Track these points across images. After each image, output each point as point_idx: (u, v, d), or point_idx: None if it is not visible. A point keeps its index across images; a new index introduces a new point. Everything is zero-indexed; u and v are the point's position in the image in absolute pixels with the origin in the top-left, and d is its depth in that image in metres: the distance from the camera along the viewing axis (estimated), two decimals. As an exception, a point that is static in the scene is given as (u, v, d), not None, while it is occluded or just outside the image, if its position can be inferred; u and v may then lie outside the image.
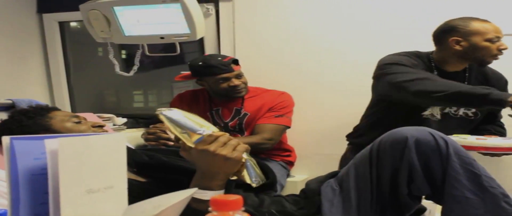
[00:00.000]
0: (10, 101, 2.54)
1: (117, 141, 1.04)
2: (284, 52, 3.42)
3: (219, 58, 3.01)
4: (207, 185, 1.55)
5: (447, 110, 2.71)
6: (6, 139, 0.94)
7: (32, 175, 0.97)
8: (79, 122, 1.96)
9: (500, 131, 2.81)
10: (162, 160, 1.94)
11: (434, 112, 2.70)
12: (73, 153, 0.93)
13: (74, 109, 3.94)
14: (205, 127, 1.59)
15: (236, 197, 0.86)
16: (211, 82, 3.05)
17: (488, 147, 2.29)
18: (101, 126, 2.03)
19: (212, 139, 1.53)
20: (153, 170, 1.88)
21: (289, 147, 3.34)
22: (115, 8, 2.54)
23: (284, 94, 3.16)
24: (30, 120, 1.90)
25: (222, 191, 1.59)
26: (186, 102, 3.20)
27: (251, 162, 1.74)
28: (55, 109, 2.02)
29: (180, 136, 1.58)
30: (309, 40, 3.36)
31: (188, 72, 3.13)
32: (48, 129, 1.87)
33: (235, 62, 3.05)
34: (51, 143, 0.91)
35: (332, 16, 3.30)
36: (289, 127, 3.13)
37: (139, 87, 4.21)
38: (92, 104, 4.07)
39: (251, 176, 1.73)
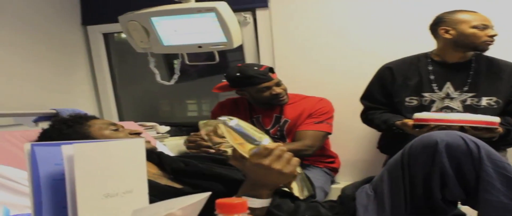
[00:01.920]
0: (54, 111, 2.62)
1: (135, 146, 1.07)
2: (323, 57, 3.42)
3: (256, 68, 3.03)
4: (256, 194, 1.58)
5: (468, 102, 2.78)
6: (27, 145, 0.98)
7: (53, 180, 1.00)
8: (116, 130, 2.01)
9: None
10: (198, 167, 1.97)
11: (453, 105, 2.79)
12: (89, 159, 0.96)
13: (121, 118, 4.01)
14: (262, 138, 1.61)
15: (241, 200, 0.88)
16: (252, 92, 3.08)
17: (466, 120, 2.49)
18: (138, 133, 2.07)
19: (267, 152, 1.55)
20: (189, 176, 1.91)
21: (332, 153, 3.33)
22: (153, 18, 2.58)
23: (323, 100, 3.15)
24: (70, 129, 1.96)
25: (269, 200, 1.62)
26: (227, 110, 3.23)
27: (301, 176, 1.76)
28: (93, 117, 2.08)
29: (236, 145, 1.61)
30: (348, 44, 3.36)
31: (224, 83, 3.15)
32: (88, 137, 1.93)
33: (271, 70, 3.07)
34: (67, 149, 0.95)
35: (370, 18, 3.29)
36: (330, 133, 3.13)
37: (184, 96, 4.28)
38: (139, 113, 4.15)
39: (300, 189, 1.75)
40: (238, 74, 3.03)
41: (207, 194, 1.02)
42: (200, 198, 0.98)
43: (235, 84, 3.10)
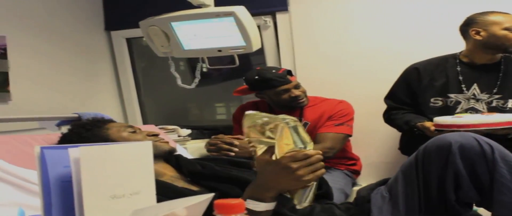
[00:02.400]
0: (76, 115, 2.67)
1: (143, 148, 1.10)
2: (344, 59, 3.42)
3: (274, 71, 3.05)
4: (261, 197, 1.56)
5: (494, 104, 2.76)
6: (37, 148, 1.01)
7: (63, 182, 1.03)
8: (134, 132, 2.05)
9: None
10: (215, 169, 1.98)
11: (479, 106, 2.77)
12: (95, 161, 0.99)
13: (145, 122, 4.05)
14: (308, 145, 1.60)
15: (239, 201, 0.89)
16: (271, 95, 3.09)
17: (484, 124, 2.47)
18: (156, 135, 2.10)
19: (304, 157, 1.53)
20: (206, 179, 1.92)
21: (354, 155, 3.33)
22: (173, 23, 2.61)
23: (343, 102, 3.15)
24: (89, 132, 2.00)
25: (273, 204, 1.59)
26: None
27: (314, 186, 1.76)
28: (111, 120, 2.12)
29: (280, 144, 1.57)
30: (368, 46, 3.36)
31: (244, 86, 3.17)
32: (107, 140, 1.97)
33: (290, 73, 3.08)
34: (74, 152, 0.98)
35: (391, 21, 3.29)
36: (350, 136, 3.13)
37: (213, 99, 4.31)
38: (163, 117, 4.19)
39: (302, 198, 1.74)
40: (256, 77, 3.05)
41: (211, 195, 1.04)
42: (204, 198, 1.00)
43: (254, 87, 3.12)
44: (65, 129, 2.40)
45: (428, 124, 2.69)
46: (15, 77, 3.21)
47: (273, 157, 1.59)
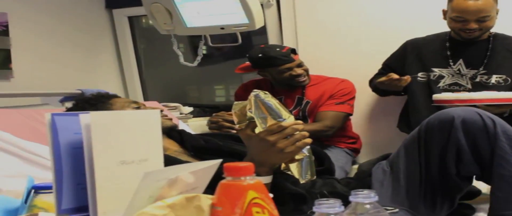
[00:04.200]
0: (79, 91, 2.69)
1: (151, 117, 1.11)
2: (347, 39, 3.42)
3: (278, 49, 3.06)
4: (255, 170, 1.59)
5: (478, 79, 2.82)
6: (47, 115, 1.03)
7: (73, 149, 1.06)
8: (138, 107, 2.06)
9: None
10: (218, 144, 2.01)
11: (462, 81, 2.84)
12: (105, 127, 1.01)
13: (146, 99, 4.06)
14: (288, 117, 1.65)
15: (247, 164, 0.91)
16: (274, 73, 3.11)
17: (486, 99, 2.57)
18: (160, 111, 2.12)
19: (279, 129, 1.57)
20: (209, 153, 1.95)
21: (354, 134, 3.34)
22: (176, 0, 2.62)
23: (345, 81, 3.17)
24: (93, 107, 2.02)
25: (270, 178, 1.63)
26: (250, 92, 3.23)
27: (308, 159, 1.80)
28: (115, 96, 2.14)
29: (257, 118, 1.65)
30: (371, 25, 3.35)
31: (247, 64, 3.18)
32: (111, 114, 1.98)
33: (294, 51, 3.09)
34: (85, 118, 1.00)
35: (394, 0, 3.29)
36: (351, 115, 3.14)
37: (212, 81, 4.32)
38: (164, 96, 4.19)
39: (302, 172, 1.78)
40: (260, 55, 3.06)
41: (218, 161, 1.06)
42: (211, 164, 1.02)
43: (257, 65, 3.13)
44: (68, 105, 2.42)
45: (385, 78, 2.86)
46: (17, 54, 3.21)
47: (256, 131, 1.64)
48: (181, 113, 3.28)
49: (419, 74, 2.96)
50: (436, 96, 2.73)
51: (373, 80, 3.14)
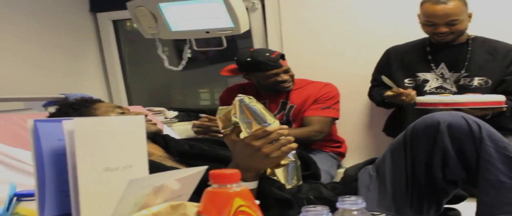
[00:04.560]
0: (63, 96, 2.66)
1: (135, 123, 1.10)
2: (331, 42, 3.42)
3: (267, 54, 3.02)
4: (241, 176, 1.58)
5: (462, 82, 2.85)
6: (30, 122, 1.01)
7: (56, 155, 1.04)
8: (122, 113, 2.04)
9: None
10: (203, 149, 2.00)
11: (447, 85, 2.88)
12: (89, 133, 0.99)
13: (131, 104, 4.04)
14: (273, 122, 1.64)
15: (234, 171, 0.90)
16: (259, 77, 3.09)
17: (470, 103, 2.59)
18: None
19: (264, 134, 1.55)
20: (194, 158, 1.93)
21: (339, 138, 3.34)
22: (161, 4, 2.61)
23: (329, 85, 3.16)
24: (76, 112, 1.99)
25: (255, 183, 1.62)
26: (235, 95, 3.21)
27: (294, 164, 1.79)
28: (99, 101, 2.11)
29: (242, 124, 1.63)
30: (356, 29, 3.36)
31: (233, 66, 3.17)
32: (95, 120, 1.96)
33: (283, 57, 3.07)
34: (68, 124, 0.98)
35: (379, 4, 3.29)
36: (337, 119, 3.14)
37: (196, 84, 4.31)
38: (149, 100, 4.17)
39: (288, 177, 1.78)
40: (248, 58, 3.03)
41: (204, 168, 1.05)
42: (197, 171, 1.01)
43: (244, 68, 3.11)
44: (51, 109, 2.39)
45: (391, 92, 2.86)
46: (-1, 57, 3.17)
47: (241, 136, 1.63)
48: (165, 118, 3.26)
49: (406, 81, 2.98)
50: (419, 99, 2.75)
51: (373, 95, 3.16)
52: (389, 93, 2.88)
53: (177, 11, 2.65)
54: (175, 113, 3.36)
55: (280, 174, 1.77)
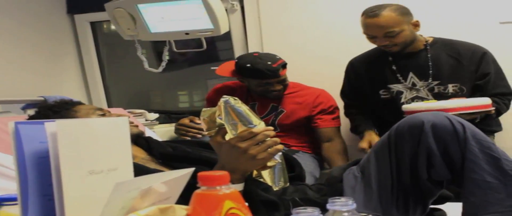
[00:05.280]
0: (42, 98, 2.62)
1: (119, 124, 1.07)
2: (312, 44, 3.42)
3: (269, 62, 2.95)
4: None
5: (436, 90, 2.81)
6: (11, 124, 0.98)
7: (39, 158, 1.01)
8: (103, 114, 2.02)
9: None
10: (186, 151, 2.00)
11: (422, 94, 2.84)
12: (72, 136, 0.97)
13: (110, 106, 4.00)
14: (258, 123, 1.62)
15: (223, 173, 0.88)
16: (252, 83, 3.05)
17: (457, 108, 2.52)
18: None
19: (250, 136, 1.55)
20: (177, 160, 1.93)
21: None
22: (139, 5, 2.58)
23: (324, 93, 3.19)
24: (57, 114, 1.97)
25: (241, 185, 1.62)
26: (222, 95, 3.13)
27: (281, 166, 1.78)
28: (79, 103, 2.09)
29: (227, 125, 1.62)
30: (335, 31, 3.36)
31: (230, 66, 3.09)
32: (75, 122, 1.93)
33: (284, 66, 3.01)
34: (50, 126, 0.95)
35: (357, 6, 3.28)
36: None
37: (175, 86, 4.28)
38: (128, 103, 4.14)
39: (275, 179, 1.77)
40: (248, 65, 2.95)
41: (191, 170, 1.03)
42: (184, 173, 0.99)
43: (240, 72, 3.04)
44: (30, 112, 2.35)
45: (365, 140, 2.88)
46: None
47: (226, 137, 1.63)
48: (146, 120, 3.23)
49: (381, 92, 2.94)
50: (406, 107, 2.68)
51: (350, 112, 3.19)
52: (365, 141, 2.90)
53: (156, 13, 2.63)
54: (156, 115, 3.33)
55: (266, 176, 1.76)
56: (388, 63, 2.90)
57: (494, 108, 2.61)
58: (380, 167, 1.78)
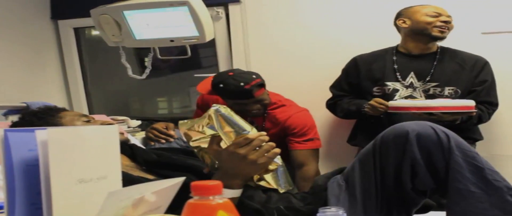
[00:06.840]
0: (24, 104, 2.60)
1: (109, 133, 1.07)
2: (297, 53, 3.43)
3: (241, 84, 2.79)
4: (228, 184, 1.60)
5: (431, 91, 2.90)
6: (0, 131, 0.97)
7: (27, 166, 1.00)
8: (88, 121, 2.01)
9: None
10: (171, 158, 2.01)
11: (416, 94, 2.92)
12: (63, 144, 0.96)
13: (91, 113, 3.97)
14: (250, 130, 1.65)
15: (216, 182, 0.88)
16: (229, 102, 2.87)
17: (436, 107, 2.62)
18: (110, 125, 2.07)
19: (246, 142, 1.58)
20: (162, 168, 1.93)
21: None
22: (125, 12, 2.57)
23: (305, 114, 3.09)
24: (41, 121, 1.95)
25: (240, 191, 1.65)
26: (210, 100, 3.07)
27: (282, 168, 1.79)
28: (64, 109, 2.07)
29: (221, 133, 1.64)
30: (320, 39, 3.38)
31: (209, 84, 2.97)
32: (60, 129, 1.91)
33: (260, 86, 2.87)
34: (41, 134, 0.94)
35: (343, 14, 3.32)
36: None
37: (154, 93, 4.27)
38: (109, 109, 4.12)
39: (280, 182, 1.79)
40: (221, 85, 2.83)
41: (181, 179, 1.03)
42: (174, 182, 0.98)
43: (215, 91, 2.92)
44: (13, 118, 2.33)
45: (373, 102, 2.85)
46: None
47: (222, 145, 1.66)
48: (129, 127, 3.21)
49: (375, 89, 2.99)
50: (392, 103, 2.76)
51: (341, 104, 3.13)
52: (372, 102, 2.85)
53: (142, 19, 2.62)
54: (139, 122, 3.31)
55: (270, 179, 1.78)
56: (391, 61, 3.00)
57: (475, 111, 2.69)
58: (364, 176, 1.79)
